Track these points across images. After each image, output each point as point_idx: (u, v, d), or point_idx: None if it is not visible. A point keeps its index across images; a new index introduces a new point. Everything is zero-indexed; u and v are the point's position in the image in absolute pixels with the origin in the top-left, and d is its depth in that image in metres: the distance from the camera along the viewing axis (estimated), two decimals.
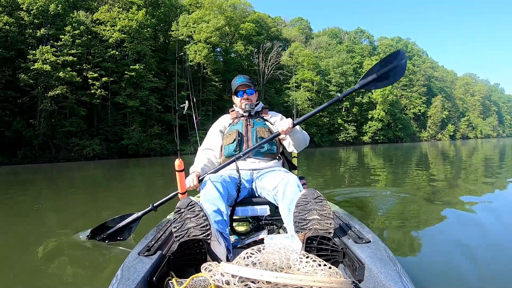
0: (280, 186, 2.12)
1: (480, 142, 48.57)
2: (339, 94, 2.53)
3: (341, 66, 60.70)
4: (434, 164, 13.16)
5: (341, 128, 58.84)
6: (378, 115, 63.21)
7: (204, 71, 40.96)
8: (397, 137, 69.02)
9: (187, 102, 3.37)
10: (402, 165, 12.95)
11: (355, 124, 61.34)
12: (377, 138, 63.56)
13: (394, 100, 68.08)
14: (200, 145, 2.83)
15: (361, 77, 2.55)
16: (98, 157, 29.26)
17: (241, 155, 2.38)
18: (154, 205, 2.71)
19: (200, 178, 2.35)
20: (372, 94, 64.41)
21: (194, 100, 3.48)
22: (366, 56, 73.15)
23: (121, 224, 2.93)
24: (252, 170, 2.49)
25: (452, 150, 25.90)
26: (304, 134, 2.63)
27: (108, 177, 12.80)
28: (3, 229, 4.44)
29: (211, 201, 1.99)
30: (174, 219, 1.66)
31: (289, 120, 2.40)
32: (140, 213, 2.87)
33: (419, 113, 79.22)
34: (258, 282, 1.23)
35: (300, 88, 53.27)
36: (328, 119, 56.33)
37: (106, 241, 2.97)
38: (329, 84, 58.82)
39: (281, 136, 2.49)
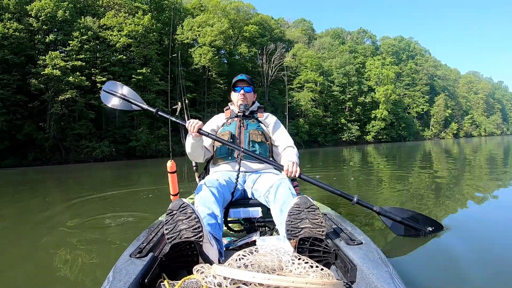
0: (272, 188, 2.14)
1: (484, 140, 47.94)
2: (355, 199, 2.45)
3: (344, 67, 61.07)
4: (434, 162, 13.23)
5: (344, 127, 59.22)
6: (381, 114, 63.43)
7: (209, 73, 41.50)
8: (400, 136, 69.16)
9: (179, 103, 3.31)
10: (404, 164, 13.01)
11: (358, 123, 61.66)
12: (381, 137, 63.85)
13: (397, 99, 68.22)
14: None
15: (388, 207, 2.60)
16: (107, 159, 29.87)
17: (242, 149, 2.37)
18: (159, 112, 2.61)
19: (201, 130, 2.37)
20: (375, 93, 64.79)
21: (187, 101, 3.37)
22: (369, 56, 73.41)
23: (127, 96, 2.76)
24: (244, 172, 2.48)
25: (456, 148, 25.45)
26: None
27: (116, 178, 13.13)
28: (8, 227, 4.64)
29: (206, 204, 2.01)
30: (166, 221, 1.65)
31: (298, 170, 2.31)
32: (145, 106, 2.71)
33: (422, 112, 79.27)
34: (250, 284, 1.24)
35: (303, 89, 53.68)
36: (331, 119, 56.81)
37: (106, 94, 2.79)
38: (332, 85, 59.24)
39: (274, 147, 2.58)
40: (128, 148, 32.53)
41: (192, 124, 2.33)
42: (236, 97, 2.70)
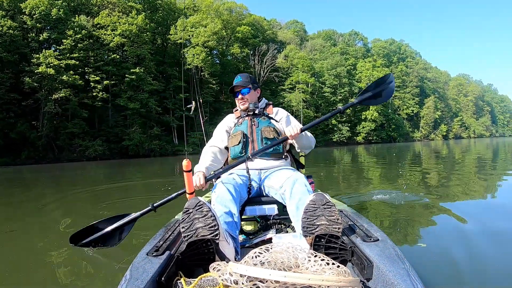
0: (287, 185, 2.12)
1: (473, 142, 48.50)
2: (340, 107, 2.52)
3: (335, 68, 61.75)
4: (436, 161, 13.53)
5: (335, 128, 59.70)
6: (371, 115, 63.95)
7: (202, 73, 41.76)
8: (390, 137, 69.98)
9: (193, 102, 3.43)
10: (402, 164, 13.08)
11: (349, 124, 62.15)
12: (371, 138, 64.54)
13: (387, 101, 68.74)
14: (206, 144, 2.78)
15: (359, 93, 2.62)
16: (100, 158, 30.06)
17: (250, 156, 2.36)
18: (154, 205, 2.45)
19: (207, 178, 2.31)
20: None
21: (201, 100, 3.43)
22: (360, 58, 74.27)
23: (114, 226, 2.51)
24: (260, 169, 2.46)
25: (445, 149, 25.62)
26: (310, 138, 2.66)
27: (109, 177, 13.14)
28: (10, 227, 4.44)
29: (223, 203, 2.00)
30: (182, 219, 1.65)
31: (298, 125, 2.41)
32: (138, 214, 2.52)
33: (412, 114, 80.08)
34: (266, 281, 1.24)
35: (295, 90, 54.11)
36: None
37: (92, 247, 2.58)
38: (323, 86, 59.87)
39: (289, 141, 2.52)
40: (121, 147, 32.74)
41: (198, 184, 2.25)
42: (237, 103, 2.76)
